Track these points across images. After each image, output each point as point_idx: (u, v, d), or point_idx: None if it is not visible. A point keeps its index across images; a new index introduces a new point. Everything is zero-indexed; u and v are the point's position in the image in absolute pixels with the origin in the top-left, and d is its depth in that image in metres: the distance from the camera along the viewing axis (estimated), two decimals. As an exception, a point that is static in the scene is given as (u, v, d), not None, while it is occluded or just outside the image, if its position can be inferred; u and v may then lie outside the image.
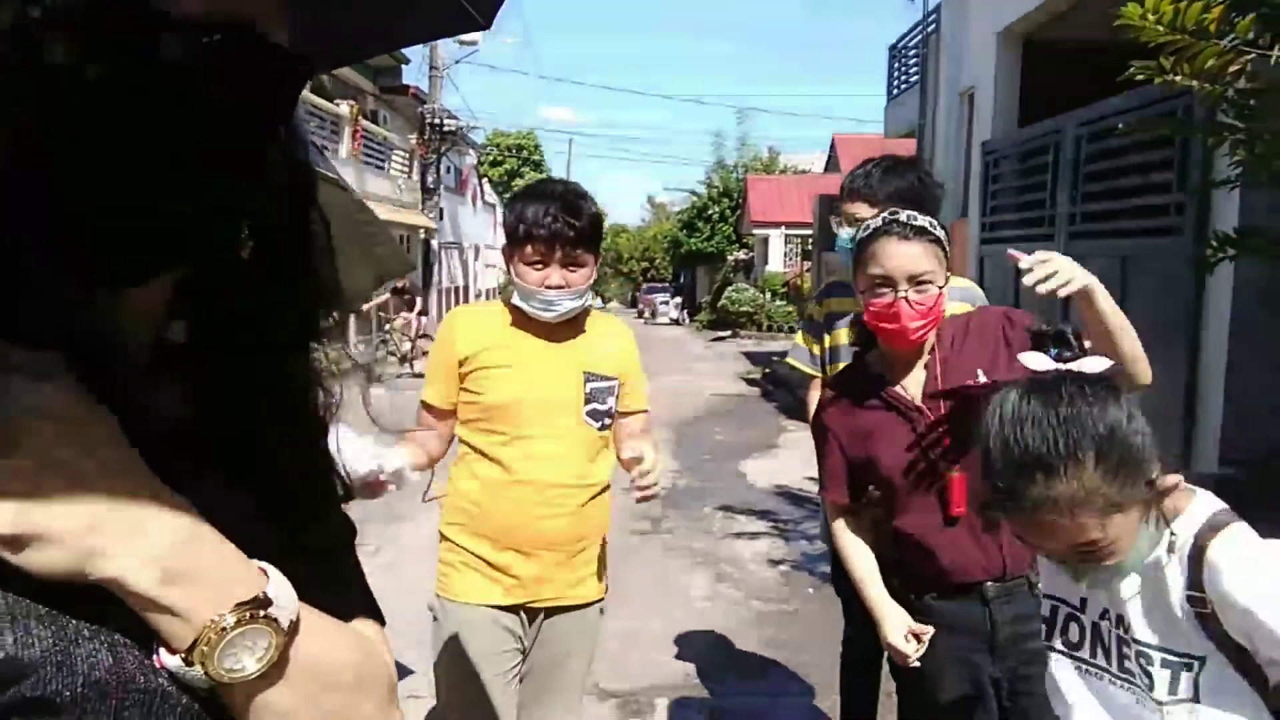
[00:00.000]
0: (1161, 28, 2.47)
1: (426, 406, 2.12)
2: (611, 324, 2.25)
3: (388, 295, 13.45)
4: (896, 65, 14.58)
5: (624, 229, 42.14)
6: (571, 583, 2.07)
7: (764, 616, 4.24)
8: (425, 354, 12.41)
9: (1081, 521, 1.17)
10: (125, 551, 0.50)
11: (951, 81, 10.66)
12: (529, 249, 1.98)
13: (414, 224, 20.13)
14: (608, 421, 2.09)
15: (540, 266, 1.98)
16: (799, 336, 2.59)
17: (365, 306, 12.93)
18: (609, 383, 2.08)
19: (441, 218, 22.17)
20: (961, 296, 2.33)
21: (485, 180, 30.92)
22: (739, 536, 5.59)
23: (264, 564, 0.57)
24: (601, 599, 2.16)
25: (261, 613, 0.55)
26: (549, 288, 1.97)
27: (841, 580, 2.55)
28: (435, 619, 2.11)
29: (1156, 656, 1.26)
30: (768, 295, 23.80)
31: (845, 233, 2.28)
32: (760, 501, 6.44)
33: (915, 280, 1.77)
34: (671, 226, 37.72)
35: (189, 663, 0.53)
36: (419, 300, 14.22)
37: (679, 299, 34.56)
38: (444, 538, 2.12)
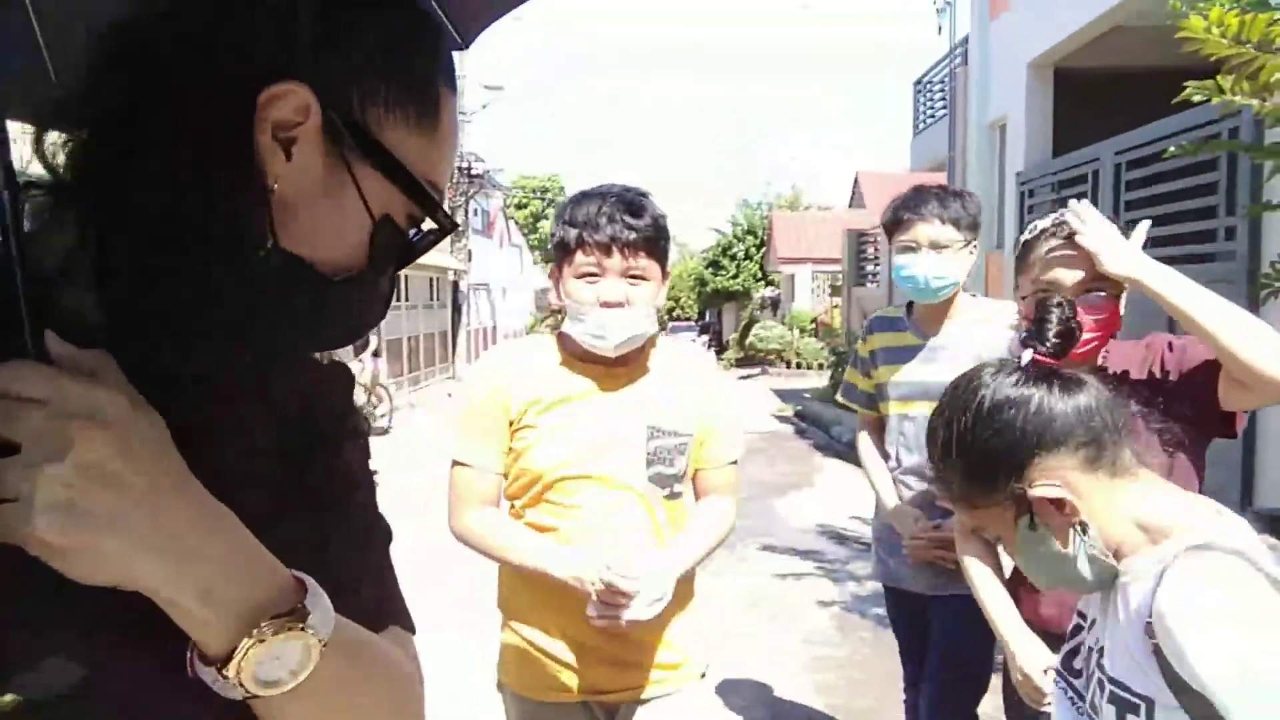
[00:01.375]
0: (1225, 41, 2.39)
1: (460, 465, 1.70)
2: (686, 357, 1.84)
3: None
4: (922, 99, 14.59)
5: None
6: (652, 667, 1.70)
7: (818, 662, 4.08)
8: (380, 402, 11.89)
9: (960, 507, 1.20)
10: (169, 568, 0.50)
11: (980, 113, 10.62)
12: (580, 256, 1.61)
13: (444, 266, 20.31)
14: (678, 488, 1.72)
15: (594, 279, 1.61)
16: (849, 374, 2.50)
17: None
18: (679, 440, 1.69)
19: (470, 259, 22.36)
20: (1001, 321, 2.22)
21: (512, 222, 31.22)
22: (784, 577, 5.43)
23: (302, 575, 0.56)
24: (699, 678, 1.79)
25: (300, 625, 0.54)
26: (605, 305, 1.59)
27: (900, 626, 2.45)
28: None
29: (1108, 690, 1.09)
30: (796, 332, 23.67)
31: (901, 260, 2.21)
32: (802, 541, 6.27)
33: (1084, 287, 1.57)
34: (697, 265, 37.81)
35: (224, 674, 0.52)
36: (372, 339, 12.20)
37: (705, 337, 34.51)
38: (504, 616, 1.78)
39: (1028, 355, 1.17)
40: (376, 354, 11.85)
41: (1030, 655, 1.57)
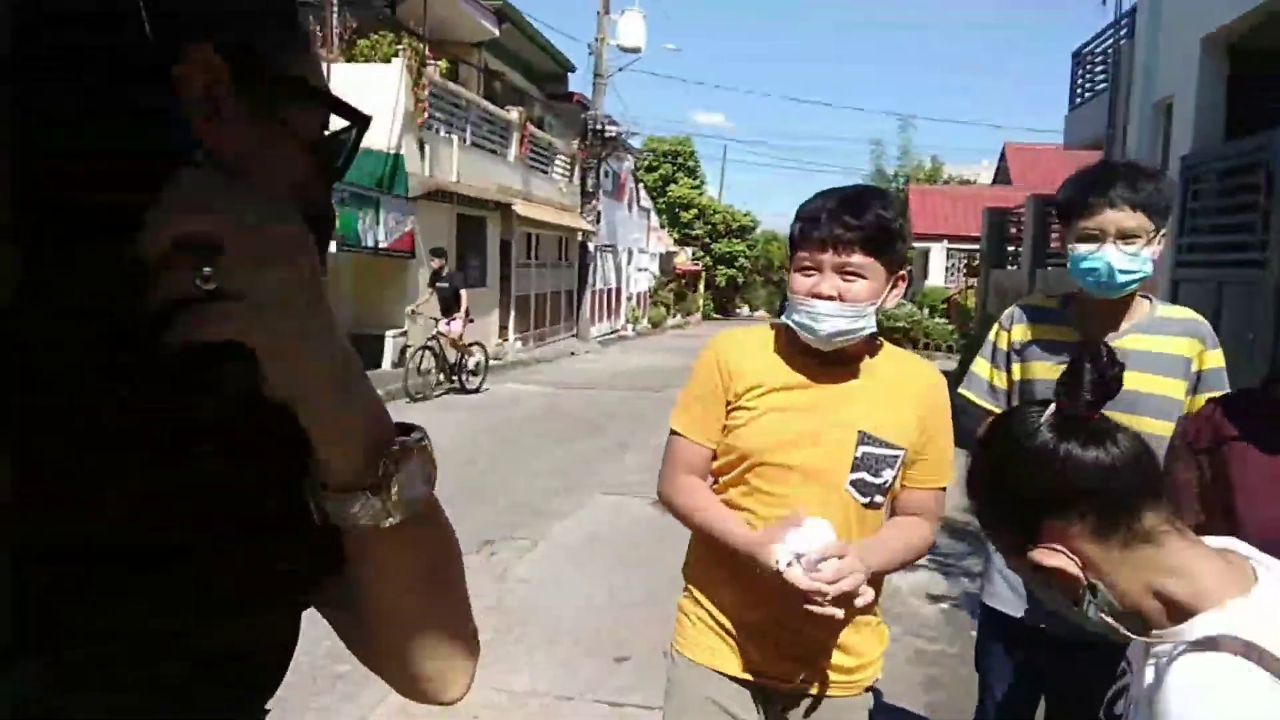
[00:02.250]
0: None
1: (680, 436, 1.79)
2: (916, 372, 1.80)
3: (432, 294, 11.69)
4: (1081, 72, 13.70)
5: (775, 236, 41.61)
6: (824, 667, 1.71)
7: (924, 655, 4.05)
8: (475, 362, 11.85)
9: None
10: (338, 377, 0.52)
11: (1146, 91, 9.93)
12: (800, 251, 1.69)
13: (573, 226, 20.68)
14: (879, 499, 1.70)
15: (811, 273, 1.67)
16: (977, 365, 2.21)
17: (410, 308, 12.07)
18: (890, 452, 1.68)
19: (599, 221, 22.66)
20: (1183, 330, 2.01)
21: (641, 185, 31.35)
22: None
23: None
24: (865, 690, 1.77)
25: (424, 443, 0.58)
26: (816, 296, 1.64)
27: (982, 653, 2.23)
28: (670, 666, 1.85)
29: None
30: (925, 311, 22.90)
31: (1083, 250, 1.96)
32: (917, 529, 6.17)
33: None
34: (825, 235, 36.91)
35: (376, 489, 0.55)
36: (464, 298, 11.58)
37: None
38: (686, 583, 1.85)
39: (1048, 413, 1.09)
40: (469, 316, 11.69)
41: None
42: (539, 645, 3.96)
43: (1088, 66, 13.40)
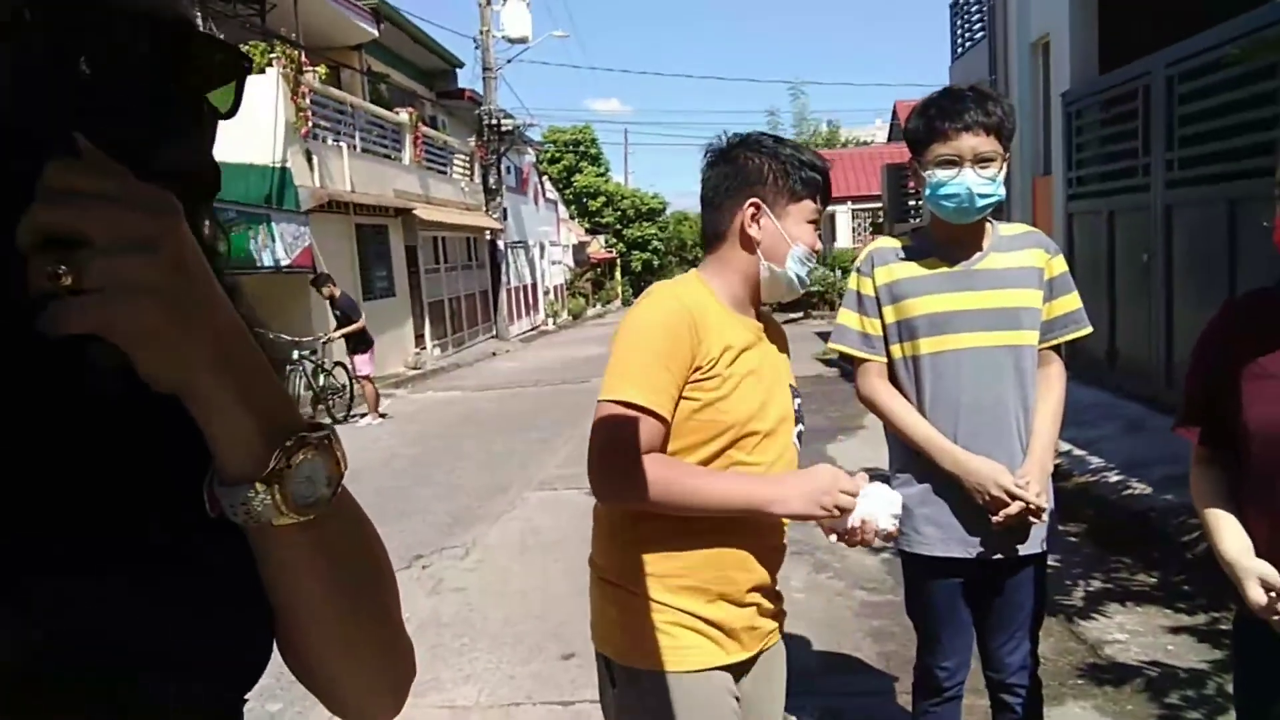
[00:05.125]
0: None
1: (643, 411, 1.47)
2: (772, 317, 1.81)
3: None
4: (960, 22, 14.00)
5: (686, 216, 41.75)
6: (776, 615, 1.72)
7: (869, 607, 4.03)
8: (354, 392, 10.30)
9: None
10: (219, 365, 0.50)
11: (1022, 32, 10.17)
12: (809, 204, 1.65)
13: (480, 225, 20.29)
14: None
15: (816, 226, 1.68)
16: (843, 316, 2.15)
17: (323, 337, 10.56)
18: (800, 398, 1.74)
19: (506, 218, 22.30)
20: (1030, 243, 2.07)
21: (545, 178, 31.01)
22: (833, 523, 5.37)
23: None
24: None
25: (329, 440, 0.56)
26: (814, 251, 1.68)
27: (913, 603, 2.20)
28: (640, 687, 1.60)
29: None
30: (838, 273, 23.27)
31: (943, 175, 1.94)
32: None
33: None
34: (734, 209, 37.18)
35: (268, 481, 0.52)
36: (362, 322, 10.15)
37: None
38: (630, 586, 1.61)
39: None
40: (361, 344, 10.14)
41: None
42: (481, 654, 3.80)
43: (965, 16, 13.69)
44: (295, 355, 10.13)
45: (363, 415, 10.33)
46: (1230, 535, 1.50)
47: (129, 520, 0.55)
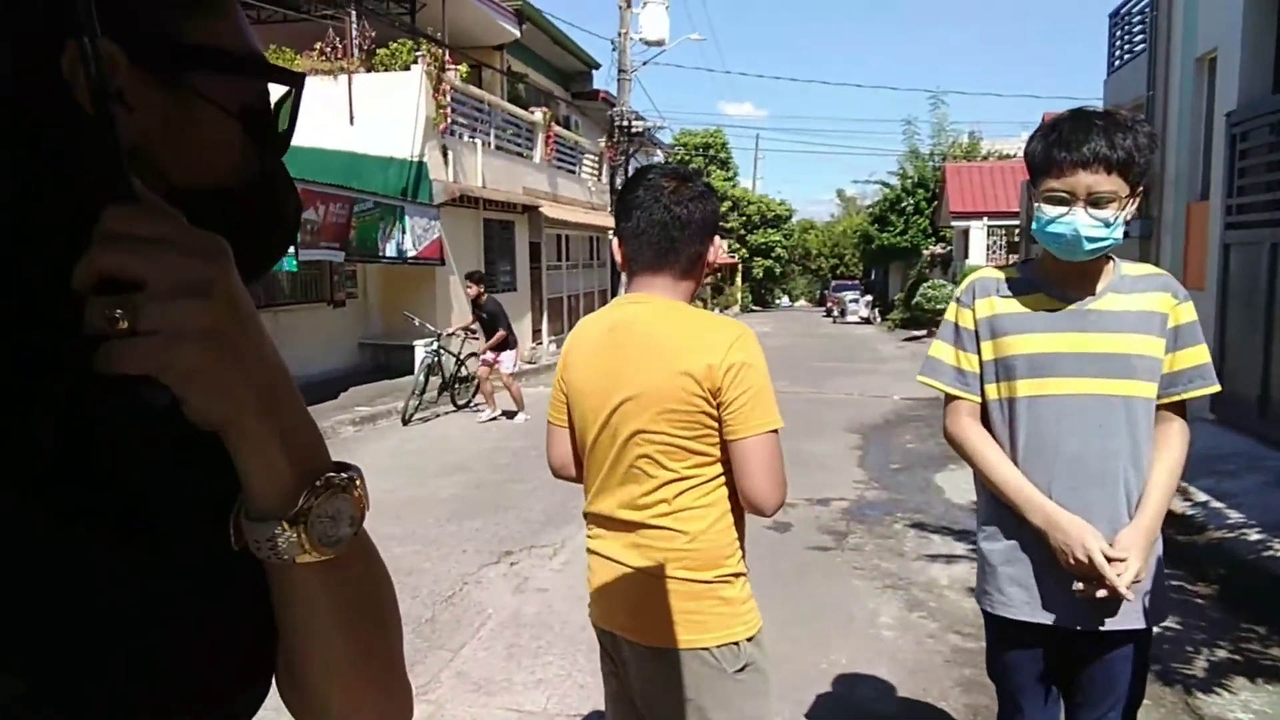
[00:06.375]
0: None
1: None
2: None
3: (466, 330, 10.46)
4: (1119, 33, 13.19)
5: (812, 224, 41.06)
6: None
7: (962, 654, 3.81)
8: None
9: None
10: (264, 404, 0.52)
11: (1187, 46, 9.46)
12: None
13: (604, 225, 20.55)
14: None
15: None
16: (936, 349, 2.02)
17: (445, 332, 10.70)
18: None
19: (629, 219, 22.48)
20: (1155, 286, 1.87)
21: (672, 180, 31.08)
22: (934, 559, 5.12)
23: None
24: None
25: (356, 480, 0.57)
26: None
27: (994, 665, 2.04)
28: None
29: None
30: (968, 290, 22.32)
31: (1051, 212, 1.79)
32: (958, 520, 5.89)
33: None
34: (862, 221, 36.32)
35: (294, 520, 0.54)
36: (505, 330, 10.07)
37: (869, 297, 33.27)
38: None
39: None
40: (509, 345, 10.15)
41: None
42: (555, 659, 3.81)
43: (1125, 26, 12.88)
44: (434, 345, 10.34)
45: (480, 407, 10.36)
46: None
47: (134, 549, 0.55)
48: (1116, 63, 13.24)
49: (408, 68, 13.18)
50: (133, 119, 0.54)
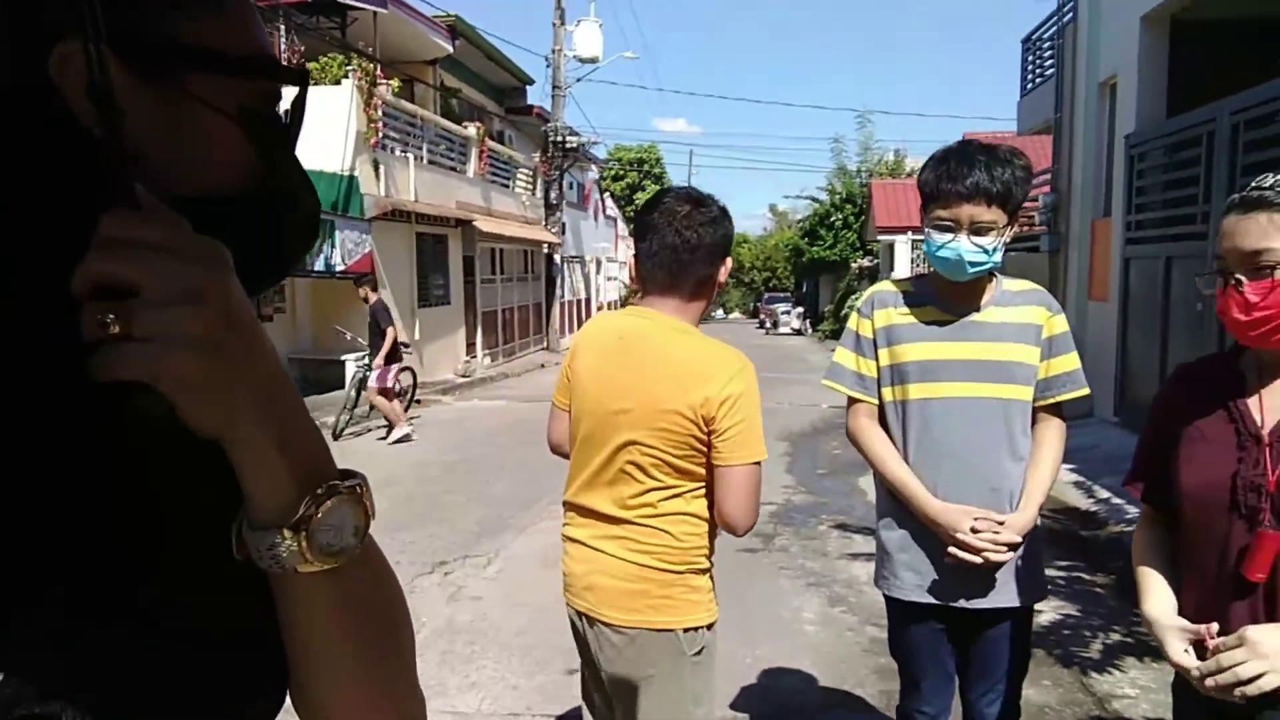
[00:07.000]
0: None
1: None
2: None
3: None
4: (1031, 58, 13.81)
5: (745, 238, 41.74)
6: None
7: (879, 644, 4.00)
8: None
9: None
10: (261, 411, 0.51)
11: (1091, 71, 10.00)
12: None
13: (538, 239, 20.58)
14: None
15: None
16: (839, 355, 2.19)
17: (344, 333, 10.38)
18: None
19: (564, 232, 22.57)
20: (1032, 300, 2.07)
21: (607, 195, 31.32)
22: (855, 557, 5.34)
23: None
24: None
25: (360, 489, 0.56)
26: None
27: (896, 648, 2.22)
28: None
29: None
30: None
31: (938, 239, 1.98)
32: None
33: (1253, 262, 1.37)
34: (793, 235, 37.07)
35: (295, 528, 0.53)
36: (390, 335, 9.45)
37: (801, 309, 33.92)
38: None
39: None
40: (399, 354, 9.73)
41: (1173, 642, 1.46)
42: (489, 663, 3.88)
43: (1036, 52, 13.50)
44: (365, 360, 9.95)
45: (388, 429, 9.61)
46: (1155, 595, 1.53)
47: (137, 566, 0.54)
48: (1029, 86, 13.85)
49: (338, 82, 13.07)
50: (127, 129, 0.52)
